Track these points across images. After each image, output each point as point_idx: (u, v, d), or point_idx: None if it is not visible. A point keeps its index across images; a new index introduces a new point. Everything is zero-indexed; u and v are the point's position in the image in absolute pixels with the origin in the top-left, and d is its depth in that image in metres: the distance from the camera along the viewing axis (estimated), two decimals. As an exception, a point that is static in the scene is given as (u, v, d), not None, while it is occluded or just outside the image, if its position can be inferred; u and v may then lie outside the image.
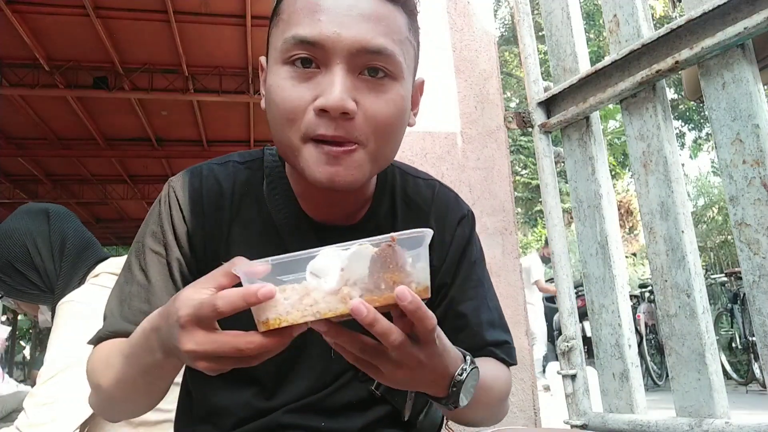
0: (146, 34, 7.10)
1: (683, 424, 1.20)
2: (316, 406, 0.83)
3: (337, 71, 0.69)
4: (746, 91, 1.13)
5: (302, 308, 0.54)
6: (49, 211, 1.49)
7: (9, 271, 1.43)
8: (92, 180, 11.74)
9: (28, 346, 20.40)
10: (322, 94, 0.69)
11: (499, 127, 1.83)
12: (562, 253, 1.59)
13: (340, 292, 0.54)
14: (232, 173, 0.86)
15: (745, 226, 1.13)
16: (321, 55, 0.70)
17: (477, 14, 1.89)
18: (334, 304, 0.54)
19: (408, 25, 0.77)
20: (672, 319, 1.27)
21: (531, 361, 1.74)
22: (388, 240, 0.55)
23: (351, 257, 0.55)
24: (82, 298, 1.36)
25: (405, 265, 0.56)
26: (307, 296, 0.54)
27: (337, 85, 0.69)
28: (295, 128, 0.71)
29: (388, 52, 0.71)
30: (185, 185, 0.84)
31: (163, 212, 0.83)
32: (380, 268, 0.55)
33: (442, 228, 0.89)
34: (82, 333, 1.32)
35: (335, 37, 0.69)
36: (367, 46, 0.70)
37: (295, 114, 0.71)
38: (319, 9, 0.70)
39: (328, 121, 0.69)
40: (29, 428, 1.23)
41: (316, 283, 0.55)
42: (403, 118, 0.76)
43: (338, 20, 0.70)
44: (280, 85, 0.72)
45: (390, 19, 0.73)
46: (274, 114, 0.73)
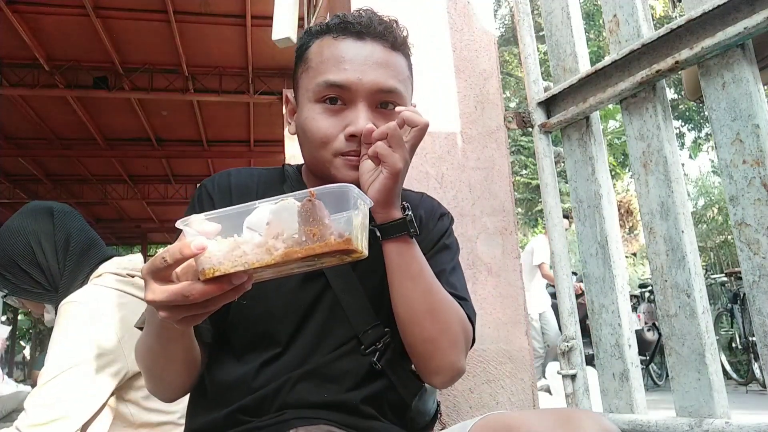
0: (146, 34, 7.10)
1: (683, 424, 1.20)
2: (319, 373, 0.91)
3: (361, 107, 0.92)
4: (746, 91, 1.13)
5: (233, 258, 0.60)
6: (53, 209, 1.50)
7: (13, 270, 1.43)
8: (92, 180, 11.74)
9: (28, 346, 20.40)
10: (350, 123, 0.92)
11: (499, 127, 1.83)
12: (562, 253, 1.59)
13: (266, 244, 0.60)
14: (256, 175, 1.05)
15: (745, 226, 1.13)
16: (347, 95, 0.93)
17: (477, 14, 1.89)
18: (261, 255, 0.60)
19: (407, 66, 1.00)
20: (672, 319, 1.27)
21: (531, 361, 1.74)
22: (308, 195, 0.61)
23: (275, 211, 0.61)
24: (83, 299, 1.36)
25: (324, 218, 0.61)
26: (237, 248, 0.61)
27: (362, 117, 0.91)
28: (328, 149, 0.93)
29: (396, 91, 0.95)
30: (214, 181, 1.02)
31: (196, 203, 0.99)
32: (303, 221, 0.61)
33: (428, 218, 1.08)
34: (84, 334, 1.32)
35: (358, 81, 0.92)
36: (382, 87, 0.93)
37: (328, 138, 0.92)
38: (344, 60, 0.93)
39: (356, 144, 0.91)
40: (30, 428, 1.23)
41: (249, 237, 0.61)
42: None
43: (360, 68, 0.92)
44: (315, 118, 0.93)
45: (396, 64, 0.97)
46: (310, 139, 0.94)
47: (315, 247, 0.60)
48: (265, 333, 0.93)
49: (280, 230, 0.61)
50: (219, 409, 0.90)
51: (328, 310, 0.95)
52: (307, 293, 0.95)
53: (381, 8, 1.05)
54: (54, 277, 1.44)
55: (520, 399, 1.68)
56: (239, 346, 0.94)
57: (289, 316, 0.93)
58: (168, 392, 0.94)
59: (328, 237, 0.61)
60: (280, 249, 0.60)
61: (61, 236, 1.45)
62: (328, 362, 0.92)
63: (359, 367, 0.93)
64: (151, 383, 0.93)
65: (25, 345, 20.71)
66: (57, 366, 1.28)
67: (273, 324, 0.93)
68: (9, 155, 9.79)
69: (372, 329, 0.95)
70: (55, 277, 1.44)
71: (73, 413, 1.26)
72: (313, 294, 0.95)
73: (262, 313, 0.93)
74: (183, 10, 6.65)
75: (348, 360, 0.93)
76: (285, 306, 0.93)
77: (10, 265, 1.43)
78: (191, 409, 0.96)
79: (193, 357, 0.89)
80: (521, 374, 1.71)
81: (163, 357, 0.86)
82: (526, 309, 1.76)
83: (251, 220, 0.62)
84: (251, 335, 0.94)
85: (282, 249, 0.60)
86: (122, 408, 1.37)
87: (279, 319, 0.93)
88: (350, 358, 0.93)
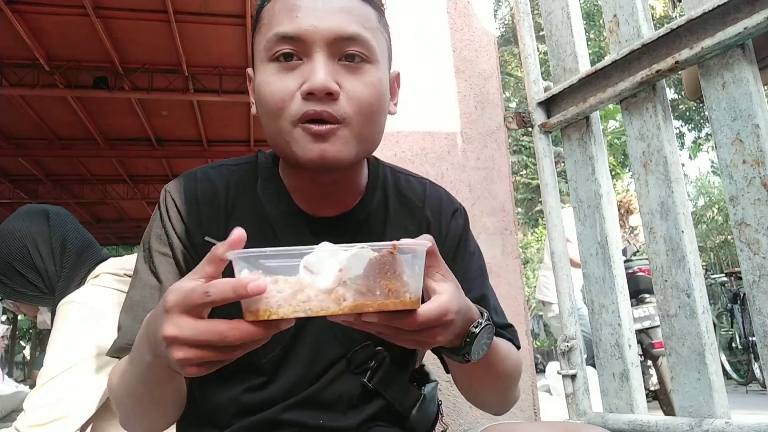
0: (146, 34, 7.10)
1: (683, 424, 1.20)
2: (312, 400, 0.84)
3: (318, 59, 0.76)
4: (746, 91, 1.13)
5: (294, 303, 0.54)
6: (48, 212, 1.49)
7: (10, 273, 1.42)
8: (92, 180, 11.74)
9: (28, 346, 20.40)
10: (307, 80, 0.76)
11: (499, 127, 1.83)
12: (562, 253, 1.59)
13: (334, 292, 0.54)
14: (226, 175, 0.91)
15: (745, 226, 1.13)
16: (301, 48, 0.77)
17: (477, 14, 1.89)
18: (327, 303, 0.54)
19: (377, 18, 0.84)
20: (672, 319, 1.27)
21: (531, 361, 1.74)
22: (390, 247, 0.56)
23: (350, 258, 0.55)
24: (82, 299, 1.35)
25: (403, 275, 0.56)
26: (301, 292, 0.54)
27: (319, 69, 0.75)
28: (285, 115, 0.77)
29: (361, 38, 0.78)
30: (180, 188, 0.88)
31: (163, 215, 0.87)
32: (378, 273, 0.55)
33: (438, 220, 0.94)
34: (83, 334, 1.32)
35: (312, 29, 0.76)
36: (342, 34, 0.77)
37: (284, 102, 0.77)
38: (296, 8, 0.78)
39: (315, 102, 0.75)
40: (29, 429, 1.23)
41: (310, 280, 0.54)
42: (382, 100, 0.82)
43: (314, 15, 0.77)
44: (267, 81, 0.78)
45: (360, 10, 0.80)
46: (265, 107, 0.79)
47: (388, 303, 0.55)
48: (249, 364, 0.83)
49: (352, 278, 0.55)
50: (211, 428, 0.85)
51: (314, 334, 0.86)
52: None
53: (381, 8, 1.04)
54: (51, 280, 1.44)
55: (520, 399, 1.68)
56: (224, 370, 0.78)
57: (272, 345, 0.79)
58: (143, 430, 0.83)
59: (403, 295, 0.56)
60: (349, 300, 0.54)
61: (57, 239, 1.45)
62: (320, 389, 0.85)
63: (352, 389, 0.87)
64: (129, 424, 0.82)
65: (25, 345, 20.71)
66: (56, 366, 1.28)
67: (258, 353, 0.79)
68: (9, 155, 9.79)
69: (361, 348, 0.88)
70: (52, 280, 1.44)
71: (72, 413, 1.26)
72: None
73: None
74: (183, 10, 6.65)
75: (339, 383, 0.86)
76: None
77: (7, 269, 1.42)
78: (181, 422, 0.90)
79: (181, 396, 0.80)
80: (521, 374, 1.71)
81: (149, 400, 0.75)
82: (526, 309, 1.76)
83: (311, 260, 0.55)
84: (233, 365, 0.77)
85: (351, 301, 0.54)
86: (122, 408, 1.37)
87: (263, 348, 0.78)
88: (341, 381, 0.86)
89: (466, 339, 0.70)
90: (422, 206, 0.95)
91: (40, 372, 1.30)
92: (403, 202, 0.95)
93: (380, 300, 0.55)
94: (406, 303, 0.57)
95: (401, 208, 0.94)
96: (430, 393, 1.00)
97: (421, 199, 0.95)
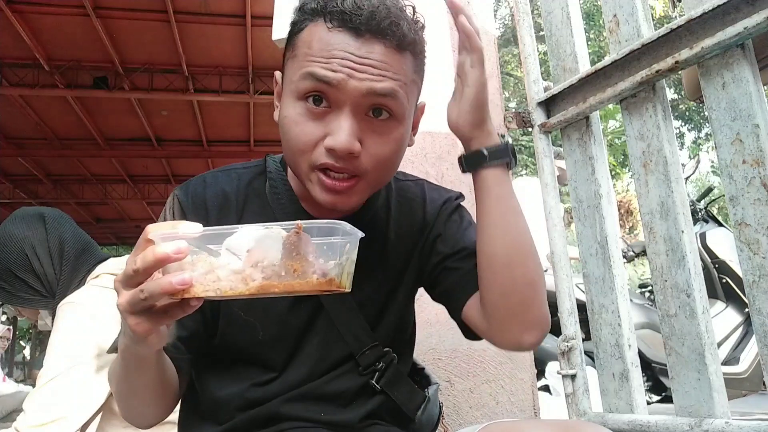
0: (146, 34, 7.10)
1: (683, 424, 1.20)
2: (314, 394, 0.86)
3: (345, 114, 0.77)
4: (746, 91, 1.13)
5: (205, 283, 0.56)
6: (44, 215, 1.48)
7: (9, 278, 1.42)
8: (92, 180, 11.74)
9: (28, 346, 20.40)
10: (331, 133, 0.77)
11: (499, 127, 1.82)
12: (562, 253, 1.59)
13: (243, 272, 0.56)
14: (235, 179, 0.92)
15: (745, 226, 1.13)
16: (332, 95, 0.77)
17: (477, 14, 1.89)
18: (236, 284, 0.56)
19: (414, 67, 0.83)
20: (672, 319, 1.27)
21: (531, 361, 1.74)
22: (295, 227, 0.56)
23: (259, 239, 0.56)
24: (82, 299, 1.35)
25: (308, 255, 0.57)
26: (212, 272, 0.56)
27: (344, 129, 0.76)
28: (306, 158, 0.80)
29: (392, 94, 0.78)
30: (188, 191, 0.90)
31: (168, 217, 0.88)
32: (287, 254, 0.56)
33: (437, 212, 0.97)
34: (83, 334, 1.32)
35: (345, 81, 0.76)
36: (375, 89, 0.77)
37: (306, 147, 0.79)
38: (334, 54, 0.76)
39: (335, 158, 0.77)
40: (29, 429, 1.23)
41: (226, 260, 0.56)
42: (401, 152, 0.85)
43: (349, 65, 0.76)
44: (295, 120, 0.79)
45: (397, 63, 0.79)
46: (289, 143, 0.81)
47: (294, 284, 0.56)
48: (258, 360, 0.87)
49: (261, 259, 0.56)
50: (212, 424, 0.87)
51: (323, 332, 0.88)
52: (299, 318, 0.88)
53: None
54: (50, 283, 1.43)
55: (520, 399, 1.68)
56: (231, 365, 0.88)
57: (282, 343, 0.87)
58: (140, 420, 0.86)
59: (310, 275, 0.57)
60: (257, 280, 0.56)
61: (54, 241, 1.44)
62: (323, 383, 0.87)
63: (356, 386, 0.88)
64: (123, 411, 0.85)
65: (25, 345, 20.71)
66: (56, 367, 1.28)
67: (264, 352, 0.87)
68: (9, 155, 9.79)
69: (370, 350, 0.89)
70: (52, 283, 1.43)
71: (72, 414, 1.26)
72: (306, 317, 0.88)
73: (251, 341, 0.86)
74: (183, 10, 6.65)
75: (344, 380, 0.88)
76: (276, 333, 0.87)
77: (6, 274, 1.41)
78: (183, 418, 0.93)
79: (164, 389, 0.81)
80: (521, 374, 1.71)
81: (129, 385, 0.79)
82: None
83: (231, 242, 0.57)
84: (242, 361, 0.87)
85: (259, 281, 0.56)
86: (122, 408, 1.37)
87: (271, 347, 0.86)
88: (346, 378, 0.88)
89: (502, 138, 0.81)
90: (423, 204, 0.97)
91: (39, 372, 1.30)
92: (404, 203, 0.98)
93: (286, 280, 0.56)
94: (312, 284, 0.57)
95: (402, 208, 0.97)
96: (433, 395, 1.01)
97: (420, 198, 0.98)
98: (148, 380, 0.77)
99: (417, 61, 0.84)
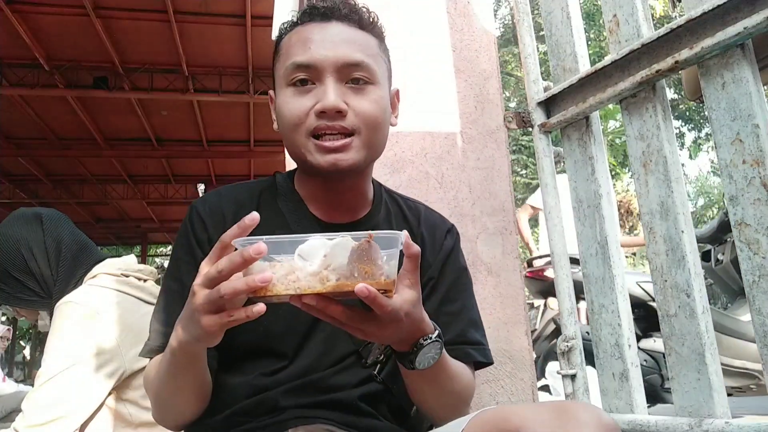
0: (146, 34, 7.10)
1: (683, 424, 1.20)
2: (316, 384, 0.91)
3: (329, 83, 0.91)
4: (746, 91, 1.13)
5: (286, 282, 0.65)
6: (41, 215, 1.47)
7: (6, 279, 1.42)
8: (92, 180, 11.74)
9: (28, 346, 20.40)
10: (319, 101, 0.91)
11: (499, 127, 1.83)
12: (562, 254, 1.59)
13: (320, 274, 0.65)
14: (247, 190, 1.04)
15: (745, 226, 1.13)
16: (314, 74, 0.92)
17: (477, 14, 1.89)
18: (313, 283, 0.65)
19: (378, 45, 0.99)
20: (672, 319, 1.27)
21: (531, 361, 1.74)
22: (366, 237, 0.66)
23: (334, 246, 0.65)
24: (80, 299, 1.35)
25: (377, 260, 0.66)
26: (292, 273, 0.65)
27: (330, 92, 0.90)
28: (301, 129, 0.92)
29: (364, 64, 0.93)
30: (206, 202, 1.00)
31: (188, 227, 0.97)
32: (356, 259, 0.65)
33: (432, 238, 1.06)
34: (81, 333, 1.32)
35: (323, 58, 0.91)
36: (349, 61, 0.92)
37: (299, 118, 0.92)
38: (309, 40, 0.93)
39: (327, 119, 0.90)
40: (28, 429, 1.23)
41: (301, 264, 0.65)
42: (385, 113, 0.96)
43: (324, 46, 0.92)
44: (286, 102, 0.93)
45: (363, 40, 0.96)
46: (285, 123, 0.94)
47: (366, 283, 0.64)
48: (268, 351, 0.93)
49: (333, 263, 0.65)
50: (217, 412, 0.90)
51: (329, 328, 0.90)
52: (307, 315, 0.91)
53: (380, 7, 1.05)
54: (47, 284, 1.43)
55: (520, 399, 1.68)
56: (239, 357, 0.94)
57: (291, 336, 0.93)
58: (177, 420, 0.93)
59: (378, 277, 0.66)
60: (332, 280, 0.64)
61: (51, 242, 1.44)
62: (328, 375, 0.92)
63: (357, 380, 0.93)
64: (161, 412, 0.92)
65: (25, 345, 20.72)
66: (54, 366, 1.28)
67: (274, 344, 0.93)
68: (9, 155, 9.79)
69: (371, 343, 0.95)
70: (49, 284, 1.43)
71: (71, 413, 1.26)
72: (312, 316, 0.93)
73: (261, 335, 0.92)
74: (183, 10, 6.65)
75: (348, 373, 0.93)
76: (285, 327, 0.93)
77: (3, 275, 1.41)
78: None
79: (204, 386, 0.89)
80: (521, 374, 1.71)
81: (176, 383, 0.85)
82: (526, 309, 1.76)
83: (304, 249, 0.65)
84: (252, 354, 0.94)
85: (333, 281, 0.64)
86: (120, 408, 1.37)
87: (280, 339, 0.93)
88: (350, 371, 0.94)
89: (414, 347, 0.79)
90: (418, 225, 1.07)
91: (38, 372, 1.30)
92: (404, 219, 1.07)
93: (358, 281, 0.64)
94: (380, 284, 0.66)
95: (402, 225, 1.06)
96: None
97: (417, 219, 1.08)
98: (194, 377, 0.85)
99: (379, 41, 1.00)
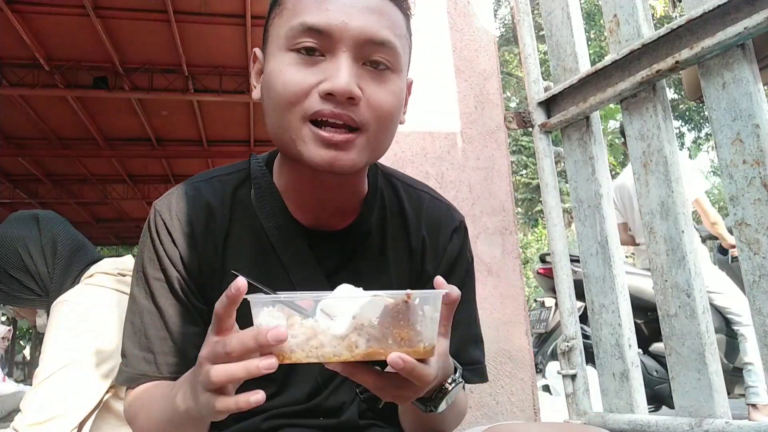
0: (146, 34, 7.09)
1: (683, 423, 1.20)
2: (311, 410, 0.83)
3: (343, 59, 0.71)
4: (746, 91, 1.13)
5: (307, 349, 0.54)
6: (38, 216, 1.52)
7: (4, 278, 1.45)
8: (92, 180, 11.73)
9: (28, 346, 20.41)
10: (327, 78, 0.71)
11: (499, 127, 1.83)
12: (562, 254, 1.59)
13: (347, 338, 0.54)
14: (219, 188, 0.86)
15: (745, 226, 1.13)
16: (327, 44, 0.72)
17: (477, 14, 1.89)
18: (340, 350, 0.54)
19: (405, 24, 0.80)
20: (672, 319, 1.27)
21: (531, 361, 1.74)
22: (404, 296, 0.55)
23: (365, 306, 0.54)
24: (76, 298, 1.36)
25: (416, 324, 0.55)
26: (314, 338, 0.54)
27: (344, 71, 0.71)
28: (296, 110, 0.72)
29: (391, 45, 0.74)
30: (171, 208, 0.83)
31: (154, 239, 0.82)
32: (391, 321, 0.54)
33: (436, 238, 0.90)
34: (78, 332, 1.32)
35: (342, 26, 0.71)
36: (374, 38, 0.72)
37: (297, 97, 0.72)
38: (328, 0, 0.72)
39: (334, 104, 0.71)
40: (27, 428, 1.23)
41: (325, 325, 0.54)
42: (400, 109, 0.79)
43: (345, 11, 0.72)
44: (282, 70, 0.73)
45: (392, 14, 0.76)
46: (275, 98, 0.74)
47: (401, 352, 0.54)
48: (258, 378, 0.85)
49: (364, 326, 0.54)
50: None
51: None
52: None
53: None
54: (44, 282, 1.46)
55: (520, 399, 1.68)
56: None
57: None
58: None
59: (417, 344, 0.55)
60: (362, 347, 0.53)
61: (47, 241, 1.47)
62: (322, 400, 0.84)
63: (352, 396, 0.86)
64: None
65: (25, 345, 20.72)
66: (51, 365, 1.28)
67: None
68: (9, 155, 9.79)
69: None
70: (46, 281, 1.46)
71: (69, 412, 1.26)
72: None
73: None
74: (183, 10, 6.64)
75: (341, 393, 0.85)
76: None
77: (2, 275, 1.44)
78: None
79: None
80: (521, 374, 1.71)
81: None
82: (526, 309, 1.76)
83: (328, 305, 0.55)
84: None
85: (364, 347, 0.53)
86: (118, 406, 1.37)
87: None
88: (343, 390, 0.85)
89: (437, 393, 0.69)
90: (419, 223, 0.90)
91: (36, 371, 1.30)
92: (402, 216, 0.90)
93: (393, 348, 0.54)
94: (419, 352, 0.55)
95: (400, 224, 0.90)
96: None
97: (418, 215, 0.91)
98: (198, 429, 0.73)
99: (407, 21, 0.80)
